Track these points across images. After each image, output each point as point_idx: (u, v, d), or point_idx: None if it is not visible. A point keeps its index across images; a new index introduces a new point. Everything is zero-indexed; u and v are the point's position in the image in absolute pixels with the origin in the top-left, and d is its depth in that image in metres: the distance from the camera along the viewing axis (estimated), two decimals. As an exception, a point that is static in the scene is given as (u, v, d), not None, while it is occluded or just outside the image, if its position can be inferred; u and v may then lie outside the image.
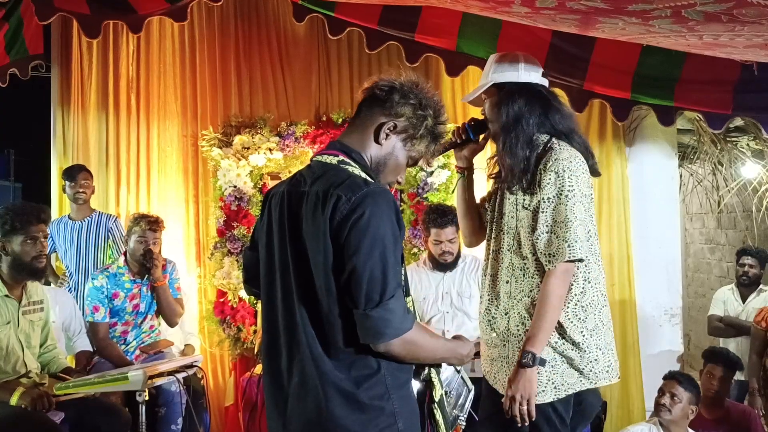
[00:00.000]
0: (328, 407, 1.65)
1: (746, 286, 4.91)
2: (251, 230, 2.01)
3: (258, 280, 1.88)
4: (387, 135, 1.78)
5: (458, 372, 1.92)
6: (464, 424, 2.08)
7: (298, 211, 1.72)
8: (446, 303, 3.84)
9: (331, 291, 1.65)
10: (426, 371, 1.80)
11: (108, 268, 3.89)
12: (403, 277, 1.71)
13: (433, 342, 1.77)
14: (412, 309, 1.73)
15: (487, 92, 2.36)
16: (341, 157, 1.77)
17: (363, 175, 1.74)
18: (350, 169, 1.74)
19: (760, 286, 4.91)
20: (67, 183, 4.41)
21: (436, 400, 1.79)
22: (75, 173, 4.39)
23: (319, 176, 1.73)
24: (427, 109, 1.79)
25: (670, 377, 3.31)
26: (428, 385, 1.82)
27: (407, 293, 1.74)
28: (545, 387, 2.17)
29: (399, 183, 1.87)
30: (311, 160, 1.83)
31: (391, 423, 1.67)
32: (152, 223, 3.88)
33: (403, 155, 1.81)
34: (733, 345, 4.77)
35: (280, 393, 1.76)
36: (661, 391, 3.27)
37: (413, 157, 1.83)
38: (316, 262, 1.67)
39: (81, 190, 4.37)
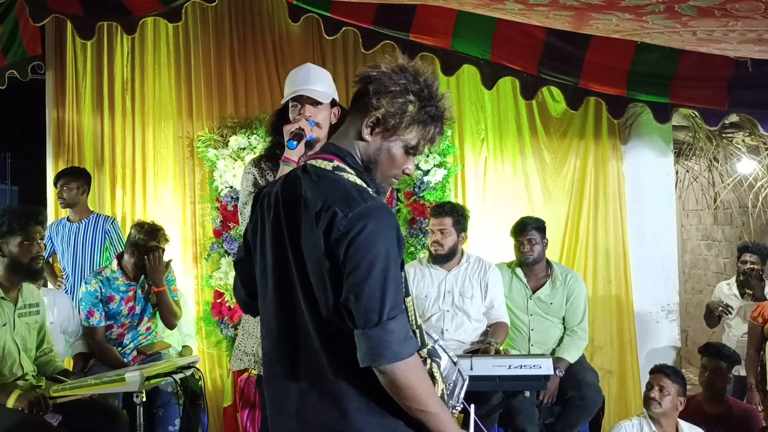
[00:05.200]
0: (348, 411, 1.60)
1: None
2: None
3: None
4: (370, 130, 1.67)
5: (454, 363, 1.90)
6: (457, 413, 2.06)
7: (294, 217, 1.65)
8: (447, 302, 3.83)
9: (333, 304, 1.59)
10: (428, 366, 1.71)
11: (101, 272, 3.87)
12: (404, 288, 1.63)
13: (430, 385, 1.65)
14: (412, 309, 1.66)
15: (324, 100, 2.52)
16: (336, 163, 1.67)
17: (359, 182, 1.65)
18: (346, 176, 1.65)
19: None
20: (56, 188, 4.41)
21: (438, 394, 1.75)
22: (57, 178, 4.40)
23: (315, 182, 1.65)
24: (408, 95, 1.64)
25: (657, 371, 3.34)
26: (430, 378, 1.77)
27: (407, 293, 1.66)
28: None
29: (407, 174, 1.74)
30: (306, 163, 1.73)
31: (410, 423, 1.63)
32: (165, 237, 3.87)
33: (396, 146, 1.68)
34: (734, 341, 4.76)
35: (286, 400, 1.69)
36: (650, 385, 3.30)
37: (411, 145, 1.69)
38: (314, 273, 1.61)
39: (62, 195, 4.36)
